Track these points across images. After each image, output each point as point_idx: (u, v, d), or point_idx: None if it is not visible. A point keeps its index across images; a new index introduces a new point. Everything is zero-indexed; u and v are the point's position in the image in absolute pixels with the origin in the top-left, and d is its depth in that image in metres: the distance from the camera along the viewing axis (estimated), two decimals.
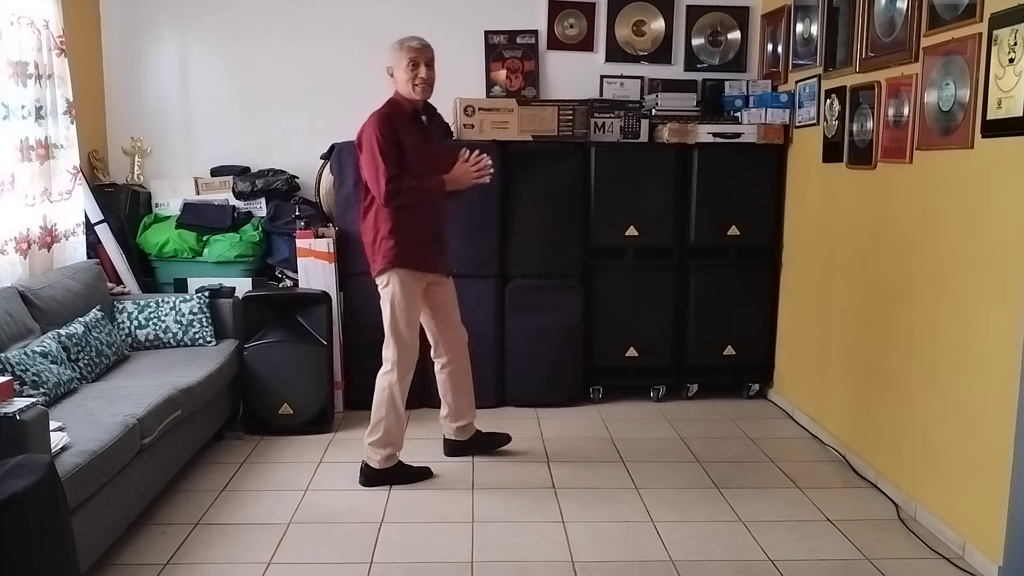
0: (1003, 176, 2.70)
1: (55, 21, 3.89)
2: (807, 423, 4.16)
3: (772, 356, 4.62)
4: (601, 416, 4.31)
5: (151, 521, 3.07)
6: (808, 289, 4.22)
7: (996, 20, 2.69)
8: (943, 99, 2.99)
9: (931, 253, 3.12)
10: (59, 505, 2.17)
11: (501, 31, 4.82)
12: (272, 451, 3.78)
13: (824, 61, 3.95)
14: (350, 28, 4.76)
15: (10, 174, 3.58)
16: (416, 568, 2.77)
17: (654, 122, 4.45)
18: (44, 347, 3.14)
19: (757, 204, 4.48)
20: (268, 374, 3.93)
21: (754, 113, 4.42)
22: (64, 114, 3.96)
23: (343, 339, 4.28)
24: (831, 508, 3.23)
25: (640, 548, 2.91)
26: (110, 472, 2.68)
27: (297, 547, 2.90)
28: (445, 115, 4.46)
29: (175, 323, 3.93)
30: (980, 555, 2.78)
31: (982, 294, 2.82)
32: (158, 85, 4.78)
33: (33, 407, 2.36)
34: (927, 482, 3.12)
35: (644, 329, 4.50)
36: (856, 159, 3.66)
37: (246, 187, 4.52)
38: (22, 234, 3.66)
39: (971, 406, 2.86)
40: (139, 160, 4.76)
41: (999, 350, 2.70)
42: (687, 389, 4.64)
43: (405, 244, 3.28)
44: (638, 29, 4.88)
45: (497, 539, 2.97)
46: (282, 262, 4.44)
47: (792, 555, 2.87)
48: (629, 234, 4.41)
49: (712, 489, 3.41)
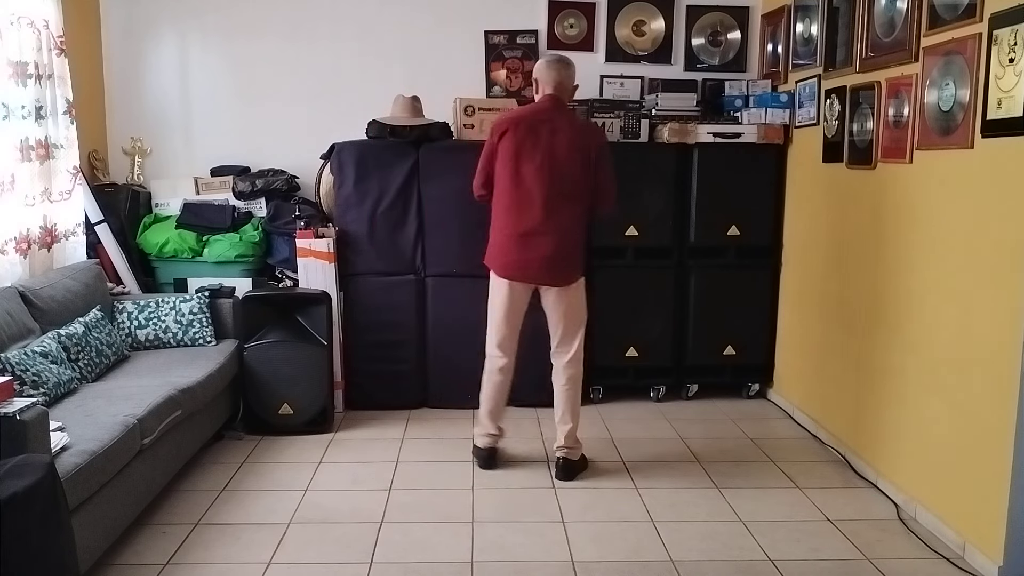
0: (1003, 176, 2.70)
1: (55, 21, 3.89)
2: (807, 423, 4.16)
3: (772, 356, 4.62)
4: (601, 416, 4.31)
5: (151, 521, 3.06)
6: (808, 289, 4.22)
7: (996, 20, 2.69)
8: (943, 99, 2.99)
9: (931, 253, 3.12)
10: (59, 505, 2.17)
11: (501, 31, 4.82)
12: (272, 451, 3.78)
13: (824, 61, 3.95)
14: (350, 28, 4.76)
15: (10, 174, 3.58)
16: (416, 568, 2.77)
17: (654, 122, 4.44)
18: (44, 347, 3.14)
19: (757, 204, 4.48)
20: (268, 374, 3.93)
21: (754, 113, 4.42)
22: (64, 114, 3.96)
23: (343, 339, 4.28)
24: (831, 508, 3.23)
25: (640, 548, 2.91)
26: (110, 472, 2.68)
27: (297, 547, 2.90)
28: (446, 115, 4.48)
29: (175, 323, 3.93)
30: (980, 555, 2.78)
31: (982, 294, 2.82)
32: (158, 85, 4.78)
33: (33, 407, 2.36)
34: (927, 482, 3.12)
35: (644, 329, 4.50)
36: (856, 159, 3.66)
37: (246, 187, 4.52)
38: (22, 234, 3.66)
39: (971, 406, 2.86)
40: (139, 160, 4.77)
41: (999, 350, 2.70)
42: (687, 389, 4.64)
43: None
44: (638, 29, 4.88)
45: (497, 539, 2.97)
46: (282, 262, 4.44)
47: (792, 555, 2.87)
48: (629, 234, 4.41)
49: (712, 489, 3.41)
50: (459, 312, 4.24)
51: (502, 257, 3.42)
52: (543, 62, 3.46)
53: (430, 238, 4.30)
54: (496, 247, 3.45)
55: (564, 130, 3.35)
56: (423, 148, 4.24)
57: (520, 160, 3.33)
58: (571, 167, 3.34)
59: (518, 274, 3.41)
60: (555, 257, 3.36)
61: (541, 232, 3.33)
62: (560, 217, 3.34)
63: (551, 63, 3.43)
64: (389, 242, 4.29)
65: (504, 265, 3.42)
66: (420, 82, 4.62)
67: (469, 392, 4.36)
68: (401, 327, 4.33)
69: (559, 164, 3.32)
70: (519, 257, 3.37)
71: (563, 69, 3.40)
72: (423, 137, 4.26)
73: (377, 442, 3.91)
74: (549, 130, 3.33)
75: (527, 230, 3.34)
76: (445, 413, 4.30)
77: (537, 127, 3.34)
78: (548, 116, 3.36)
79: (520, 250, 3.36)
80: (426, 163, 4.24)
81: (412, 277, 4.33)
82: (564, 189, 3.34)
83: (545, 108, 3.39)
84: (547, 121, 3.35)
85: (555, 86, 3.38)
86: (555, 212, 3.33)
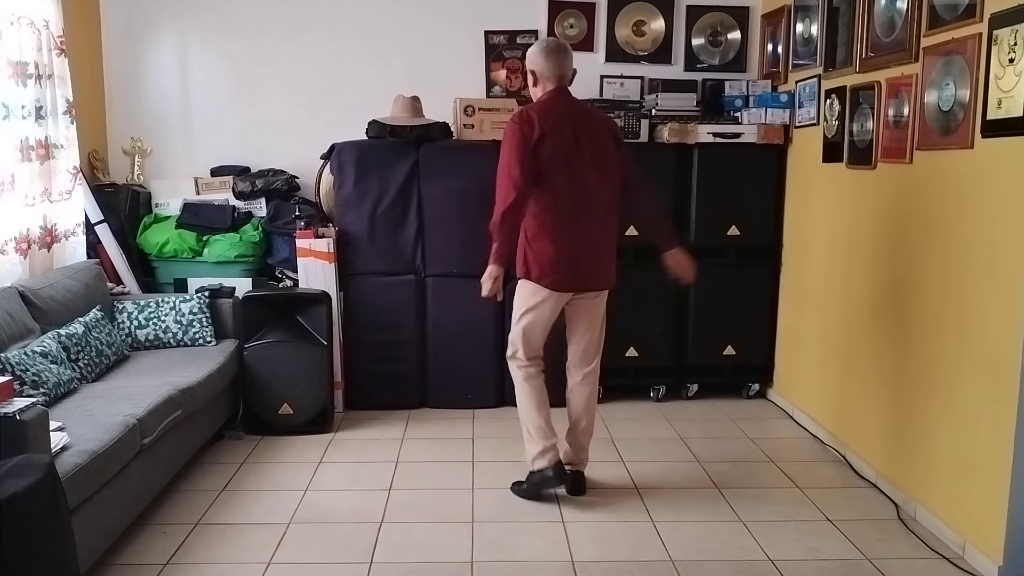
0: (1003, 176, 2.70)
1: (55, 21, 3.89)
2: (807, 423, 4.16)
3: (772, 356, 4.62)
4: (601, 416, 4.29)
5: (151, 521, 3.06)
6: (808, 289, 4.22)
7: (996, 20, 2.69)
8: (943, 99, 2.99)
9: (931, 253, 3.12)
10: (59, 505, 2.17)
11: (501, 31, 4.82)
12: (272, 451, 3.78)
13: (824, 61, 3.95)
14: (350, 28, 4.76)
15: (10, 174, 3.58)
16: (416, 568, 2.77)
17: (654, 122, 4.44)
18: (44, 347, 3.14)
19: (757, 204, 4.48)
20: (268, 374, 3.93)
21: (754, 113, 4.42)
22: (64, 114, 3.96)
23: (343, 339, 4.28)
24: (831, 508, 3.23)
25: (640, 548, 2.91)
26: (110, 472, 2.68)
27: (297, 547, 2.90)
28: (446, 115, 4.48)
29: (175, 323, 3.93)
30: (980, 555, 2.78)
31: (982, 294, 2.82)
32: (158, 85, 4.78)
33: (33, 407, 2.36)
34: (927, 482, 3.12)
35: (644, 329, 4.49)
36: (856, 159, 3.66)
37: (246, 187, 4.52)
38: (22, 234, 3.66)
39: (971, 406, 2.86)
40: (139, 160, 4.77)
41: (999, 350, 2.70)
42: (687, 389, 4.64)
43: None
44: (638, 29, 4.88)
45: (497, 539, 2.97)
46: (282, 262, 4.44)
47: (792, 555, 2.87)
48: (629, 234, 4.39)
49: (712, 489, 3.41)
50: (459, 312, 4.24)
51: (554, 269, 3.10)
52: (539, 52, 3.15)
53: (430, 238, 4.30)
54: (545, 258, 3.10)
55: (590, 120, 3.17)
56: (423, 148, 4.24)
57: (568, 160, 3.06)
58: (607, 159, 3.15)
59: (572, 284, 3.16)
60: (607, 259, 3.20)
61: (596, 236, 3.14)
62: (607, 215, 3.18)
63: (550, 53, 3.14)
64: (389, 242, 4.29)
65: (558, 280, 3.12)
66: (420, 82, 4.62)
67: (469, 392, 4.38)
68: (401, 327, 4.33)
69: (599, 159, 3.12)
70: (575, 266, 3.12)
71: (564, 59, 3.15)
72: (423, 137, 4.26)
73: (377, 442, 3.91)
74: (581, 124, 3.11)
75: (584, 236, 3.11)
76: (445, 413, 4.30)
77: (571, 123, 3.10)
78: (572, 109, 3.14)
79: (577, 260, 3.12)
80: (426, 163, 4.24)
81: (412, 277, 4.33)
82: (606, 185, 3.15)
83: (563, 101, 3.15)
84: (575, 116, 3.12)
85: (558, 78, 3.15)
86: (603, 210, 3.15)
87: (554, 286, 3.14)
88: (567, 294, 3.19)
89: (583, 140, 3.11)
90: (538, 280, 3.15)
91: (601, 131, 3.19)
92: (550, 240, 3.10)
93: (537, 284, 3.15)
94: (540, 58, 3.15)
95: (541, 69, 3.16)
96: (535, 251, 3.13)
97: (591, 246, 3.16)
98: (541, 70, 3.16)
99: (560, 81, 3.16)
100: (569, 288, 3.18)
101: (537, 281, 3.15)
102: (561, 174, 3.07)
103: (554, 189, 3.07)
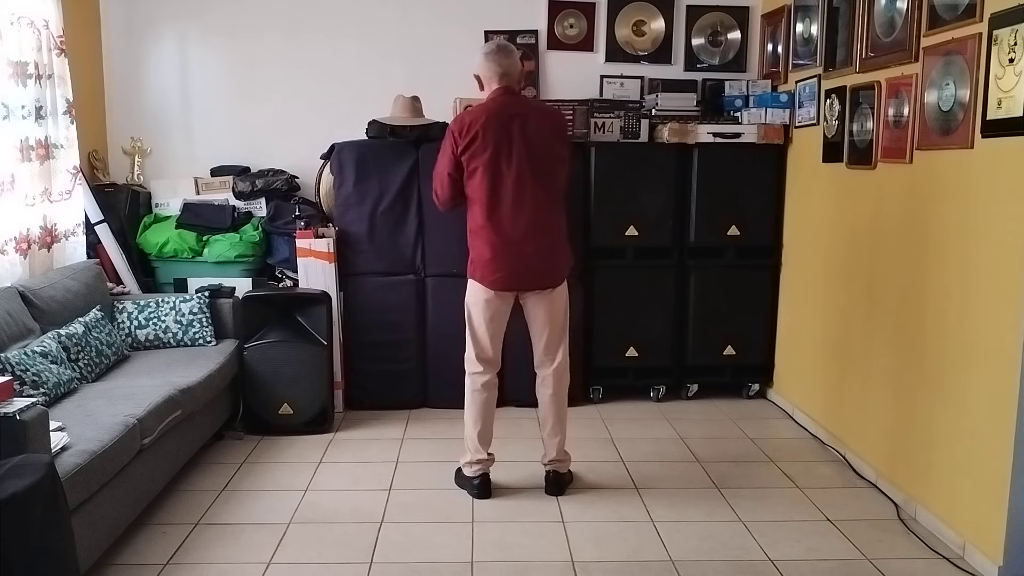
0: (1003, 176, 2.70)
1: (55, 21, 3.89)
2: (807, 423, 4.16)
3: (772, 356, 4.62)
4: (601, 416, 4.31)
5: (151, 521, 3.07)
6: (808, 289, 4.22)
7: (996, 20, 2.69)
8: (943, 99, 2.99)
9: (931, 253, 3.11)
10: (59, 505, 2.17)
11: (501, 31, 4.81)
12: (272, 451, 3.78)
13: (824, 61, 3.95)
14: (350, 27, 4.76)
15: (10, 174, 3.58)
16: (416, 568, 2.77)
17: (654, 122, 4.45)
18: (44, 347, 3.14)
19: (757, 204, 4.48)
20: (268, 374, 3.93)
21: (754, 113, 4.42)
22: (64, 114, 3.96)
23: (343, 339, 4.29)
24: (831, 508, 3.23)
25: (640, 548, 2.91)
26: (110, 472, 2.68)
27: (297, 547, 2.90)
28: (445, 115, 4.48)
29: (175, 323, 3.93)
30: (980, 555, 2.78)
31: (982, 294, 2.82)
32: (158, 85, 4.78)
33: (33, 407, 2.36)
34: (927, 482, 3.12)
35: (644, 329, 4.50)
36: (856, 159, 3.66)
37: (246, 187, 4.52)
38: (22, 234, 3.66)
39: (971, 406, 2.86)
40: (139, 160, 4.77)
41: (999, 350, 2.70)
42: (687, 389, 4.64)
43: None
44: (638, 29, 4.88)
45: (497, 539, 2.97)
46: (282, 262, 4.44)
47: (792, 555, 2.87)
48: (629, 234, 4.41)
49: (712, 489, 3.41)
50: (459, 312, 4.20)
51: (492, 269, 3.15)
52: (480, 55, 3.19)
53: (430, 238, 4.30)
54: (481, 258, 3.18)
55: (532, 117, 3.14)
56: (423, 148, 4.24)
57: (498, 161, 3.09)
58: (547, 156, 3.15)
59: (512, 283, 3.19)
60: (548, 256, 3.19)
61: (532, 234, 3.13)
62: (545, 214, 3.16)
63: (489, 55, 3.16)
64: (389, 242, 4.29)
65: (497, 279, 3.16)
66: (420, 82, 4.62)
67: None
68: (401, 327, 4.33)
69: (538, 156, 3.12)
70: (510, 264, 3.14)
71: (504, 57, 3.15)
72: (423, 137, 4.26)
73: (377, 442, 3.92)
74: (520, 123, 3.10)
75: (517, 235, 3.12)
76: (445, 413, 4.30)
77: (507, 122, 3.10)
78: (512, 108, 3.13)
79: (512, 257, 3.13)
80: (426, 163, 4.22)
81: (412, 277, 4.33)
82: (545, 182, 3.14)
83: (505, 101, 3.15)
84: (515, 114, 3.12)
85: (500, 77, 3.15)
86: (541, 209, 3.14)
87: (494, 285, 3.19)
88: (510, 293, 3.23)
89: (520, 138, 3.10)
90: (481, 280, 3.22)
91: (544, 129, 3.17)
92: (483, 240, 3.17)
93: (480, 284, 3.22)
94: (481, 60, 3.20)
95: (483, 71, 3.20)
96: (474, 251, 3.23)
97: (529, 244, 3.14)
98: (483, 72, 3.20)
99: (504, 80, 3.17)
100: (510, 287, 3.21)
101: (481, 281, 3.22)
102: (492, 174, 3.10)
103: (484, 189, 3.12)
